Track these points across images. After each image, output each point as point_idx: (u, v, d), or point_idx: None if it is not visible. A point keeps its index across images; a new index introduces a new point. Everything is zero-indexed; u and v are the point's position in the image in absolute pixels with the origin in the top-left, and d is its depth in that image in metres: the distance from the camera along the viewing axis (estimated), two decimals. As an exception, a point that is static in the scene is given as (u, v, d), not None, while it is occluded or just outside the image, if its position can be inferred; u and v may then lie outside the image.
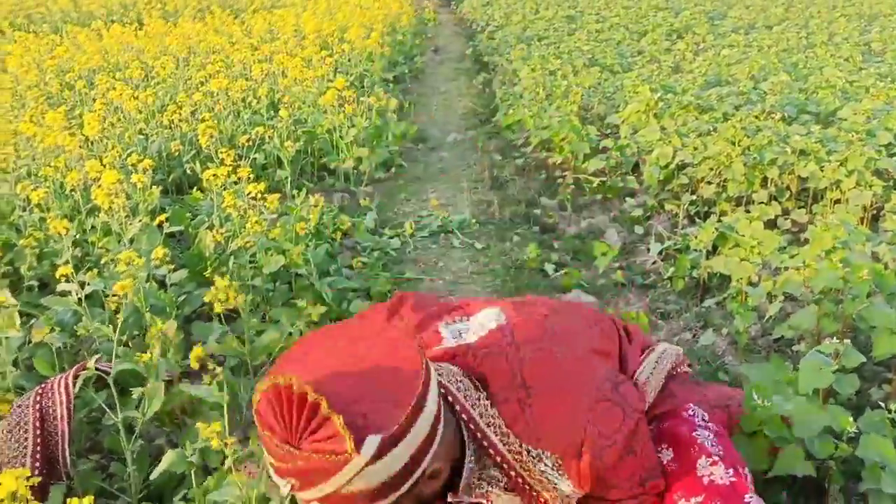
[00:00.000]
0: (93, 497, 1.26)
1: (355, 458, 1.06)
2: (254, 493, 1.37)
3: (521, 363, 1.34)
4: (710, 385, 1.82)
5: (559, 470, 1.31)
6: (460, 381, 1.33)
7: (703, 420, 1.52)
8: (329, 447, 1.06)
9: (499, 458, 1.32)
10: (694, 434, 1.47)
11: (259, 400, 1.11)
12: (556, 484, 1.32)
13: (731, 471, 1.38)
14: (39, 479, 1.27)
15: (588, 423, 1.31)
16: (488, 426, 1.32)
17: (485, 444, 1.32)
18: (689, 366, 1.81)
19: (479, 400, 1.32)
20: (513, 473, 1.33)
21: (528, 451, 1.32)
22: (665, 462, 1.44)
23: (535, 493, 1.35)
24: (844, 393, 1.99)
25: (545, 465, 1.31)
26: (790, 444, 1.75)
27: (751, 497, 1.35)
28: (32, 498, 1.20)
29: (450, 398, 1.30)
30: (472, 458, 1.33)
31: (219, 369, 1.57)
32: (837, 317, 2.31)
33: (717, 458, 1.40)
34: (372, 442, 1.07)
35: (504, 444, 1.32)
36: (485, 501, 1.38)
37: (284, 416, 1.08)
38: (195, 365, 1.56)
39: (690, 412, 1.55)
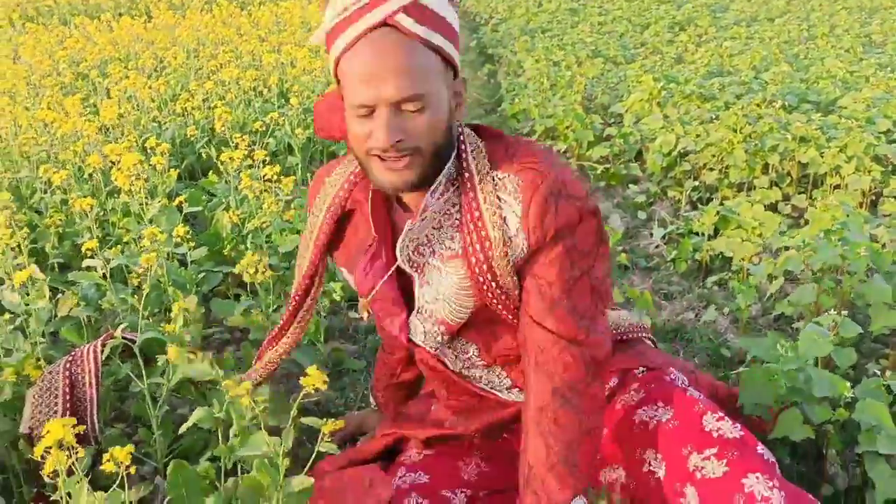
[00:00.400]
0: (130, 449, 1.32)
1: None
2: (282, 447, 1.44)
3: (518, 136, 1.41)
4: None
5: (515, 195, 1.28)
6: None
7: (685, 383, 1.51)
8: None
9: (467, 175, 1.32)
10: (689, 394, 1.44)
11: None
12: (506, 218, 1.29)
13: (738, 425, 1.35)
14: (83, 427, 1.34)
15: (559, 168, 1.30)
16: (470, 144, 1.33)
17: (463, 156, 1.32)
18: (653, 342, 1.77)
19: (471, 132, 1.36)
20: (471, 195, 1.32)
21: (494, 177, 1.31)
22: (664, 420, 1.39)
23: (480, 259, 1.32)
24: (842, 365, 2.06)
25: (506, 189, 1.29)
26: (791, 409, 1.83)
27: (762, 449, 1.32)
28: (77, 445, 1.27)
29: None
30: (448, 175, 1.33)
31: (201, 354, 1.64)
32: (836, 293, 2.39)
33: (721, 414, 1.37)
34: None
35: (475, 160, 1.32)
36: (416, 275, 1.39)
37: None
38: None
39: (673, 376, 1.53)
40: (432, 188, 1.31)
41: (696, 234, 3.23)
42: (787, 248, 2.75)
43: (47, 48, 5.90)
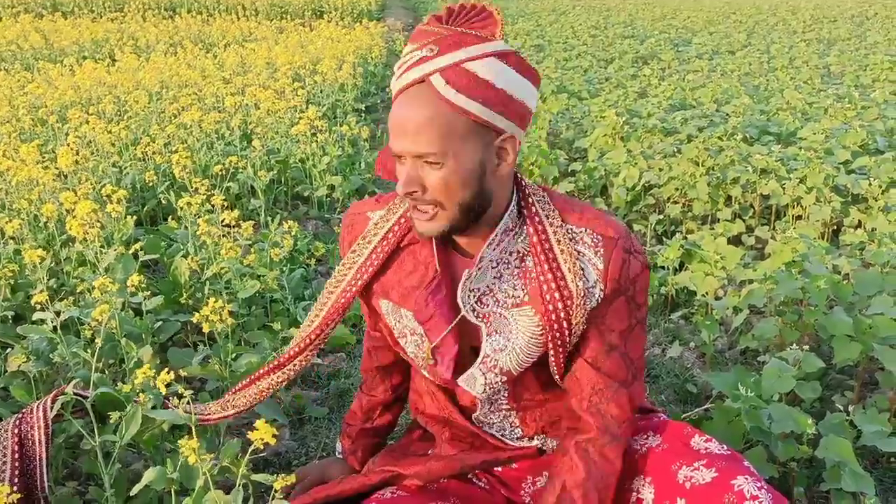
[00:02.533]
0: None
1: (495, 41, 1.23)
2: (232, 506, 1.39)
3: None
4: None
5: (596, 249, 1.34)
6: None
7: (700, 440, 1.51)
8: (479, 25, 1.24)
9: (540, 227, 1.35)
10: (678, 423, 1.50)
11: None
12: (584, 270, 1.34)
13: (725, 445, 1.40)
14: (20, 495, 1.29)
15: (625, 229, 1.38)
16: (534, 195, 1.37)
17: (533, 208, 1.36)
18: None
19: (533, 184, 1.41)
20: (546, 246, 1.35)
21: (570, 230, 1.35)
22: (654, 445, 1.44)
23: (559, 308, 1.35)
24: (807, 397, 2.06)
25: (585, 243, 1.35)
26: (756, 447, 1.81)
27: (749, 463, 1.36)
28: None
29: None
30: (512, 215, 1.36)
31: (187, 392, 1.58)
32: (798, 326, 2.39)
33: (710, 437, 1.42)
34: (506, 52, 1.24)
35: (543, 212, 1.36)
36: (484, 325, 1.39)
37: (450, 10, 1.25)
38: (163, 389, 1.58)
39: (664, 417, 1.58)
40: (489, 240, 1.35)
41: (662, 267, 3.23)
42: (750, 282, 2.76)
43: (7, 94, 5.83)
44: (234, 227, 2.75)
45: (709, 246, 2.97)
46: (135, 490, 1.58)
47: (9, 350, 2.27)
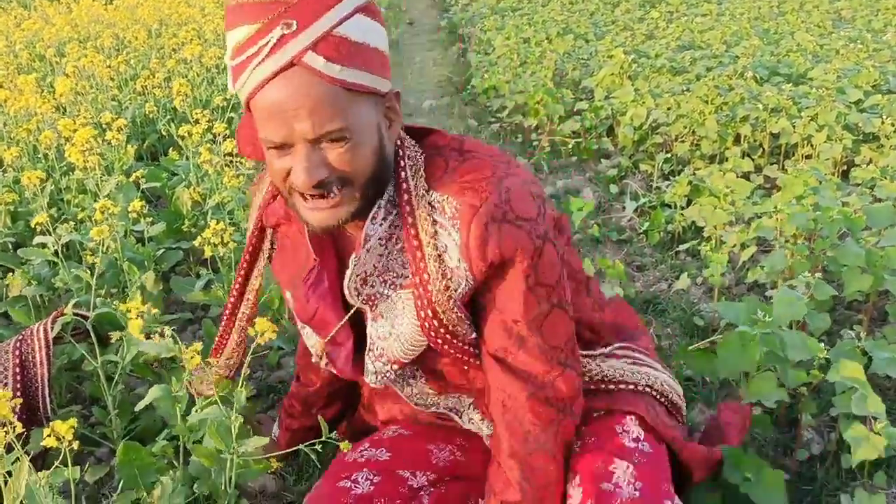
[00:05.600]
0: (74, 430, 1.26)
1: None
2: (234, 407, 1.37)
3: (463, 142, 1.24)
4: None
5: (453, 221, 1.14)
6: (405, 134, 1.25)
7: (635, 441, 1.32)
8: None
9: (405, 198, 1.17)
10: (610, 468, 1.25)
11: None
12: (447, 247, 1.16)
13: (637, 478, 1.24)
14: (21, 400, 1.27)
15: (505, 186, 1.15)
16: (409, 159, 1.20)
17: (402, 175, 1.19)
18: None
19: (413, 145, 1.23)
20: (409, 220, 1.18)
21: (431, 201, 1.17)
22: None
23: (422, 294, 1.19)
24: (816, 328, 2.03)
25: (445, 213, 1.16)
26: (765, 372, 1.80)
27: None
28: (15, 420, 1.20)
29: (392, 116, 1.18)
30: (388, 197, 1.20)
31: (168, 331, 1.48)
32: (809, 259, 2.36)
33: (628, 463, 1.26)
34: (365, 2, 1.08)
35: (413, 179, 1.18)
36: (369, 309, 1.26)
37: None
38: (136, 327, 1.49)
39: (627, 427, 1.34)
40: (371, 215, 1.18)
41: (669, 206, 3.19)
42: (759, 216, 2.72)
43: (3, 30, 5.73)
44: (235, 156, 2.71)
45: (717, 181, 2.92)
46: (139, 407, 1.56)
47: (10, 275, 2.25)
